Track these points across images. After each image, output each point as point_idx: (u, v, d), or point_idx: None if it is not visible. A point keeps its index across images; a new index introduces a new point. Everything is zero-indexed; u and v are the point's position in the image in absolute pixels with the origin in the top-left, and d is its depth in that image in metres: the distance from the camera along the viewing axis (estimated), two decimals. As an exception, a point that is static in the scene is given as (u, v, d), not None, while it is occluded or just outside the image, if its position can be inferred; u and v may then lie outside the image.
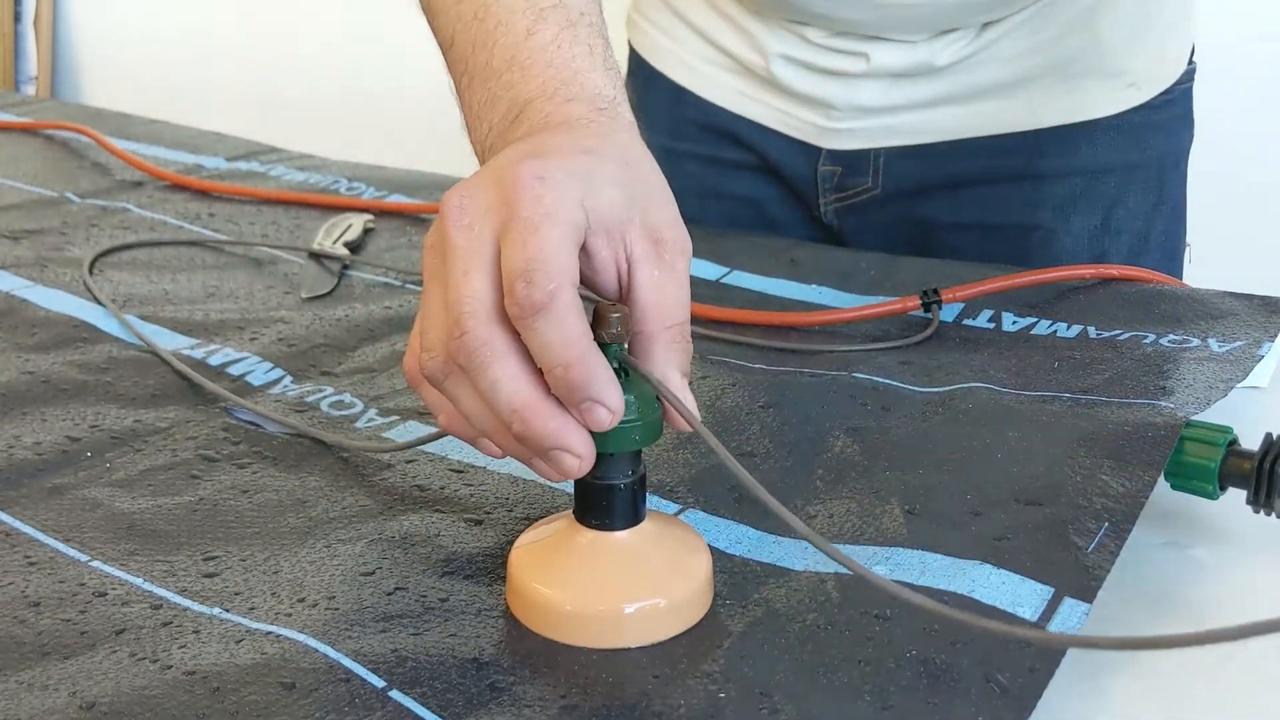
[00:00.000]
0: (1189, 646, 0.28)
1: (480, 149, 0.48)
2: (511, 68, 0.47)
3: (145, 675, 0.37)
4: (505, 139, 0.45)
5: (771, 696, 0.36)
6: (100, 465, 0.50)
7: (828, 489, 0.48)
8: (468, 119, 0.49)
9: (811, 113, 0.79)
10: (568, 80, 0.46)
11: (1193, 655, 0.40)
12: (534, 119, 0.44)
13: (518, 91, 0.46)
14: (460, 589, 0.42)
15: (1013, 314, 0.65)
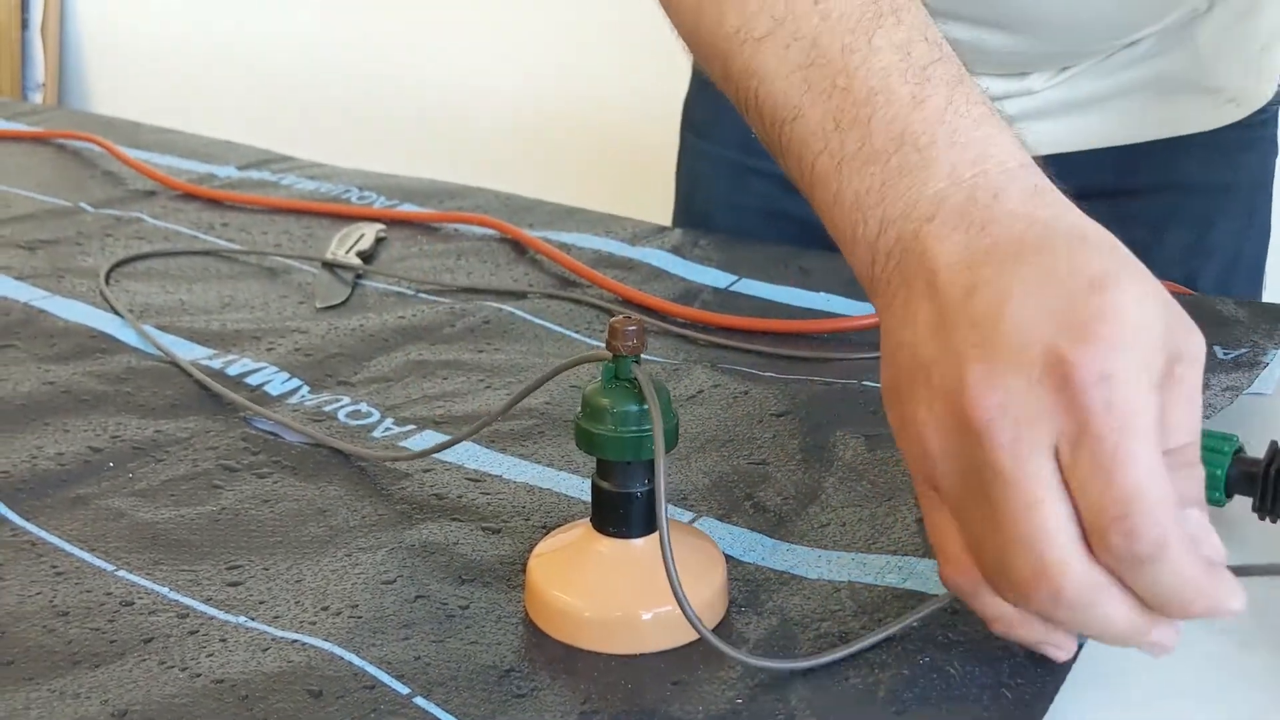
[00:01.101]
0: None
1: (864, 248, 0.40)
2: (903, 147, 0.39)
3: (175, 683, 0.38)
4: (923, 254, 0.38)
5: (788, 702, 0.37)
6: (123, 475, 0.51)
7: (840, 497, 0.49)
8: (826, 202, 0.42)
9: None
10: (981, 157, 0.39)
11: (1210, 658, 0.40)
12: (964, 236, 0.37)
13: (918, 183, 0.39)
14: (480, 596, 0.43)
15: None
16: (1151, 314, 0.34)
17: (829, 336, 0.66)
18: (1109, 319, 0.33)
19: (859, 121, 0.40)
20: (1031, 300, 0.34)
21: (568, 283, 0.74)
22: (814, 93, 0.42)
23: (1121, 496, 0.32)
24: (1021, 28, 0.70)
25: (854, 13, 0.42)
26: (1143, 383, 0.33)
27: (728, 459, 0.53)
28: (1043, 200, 0.37)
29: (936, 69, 0.40)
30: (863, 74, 0.41)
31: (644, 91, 1.71)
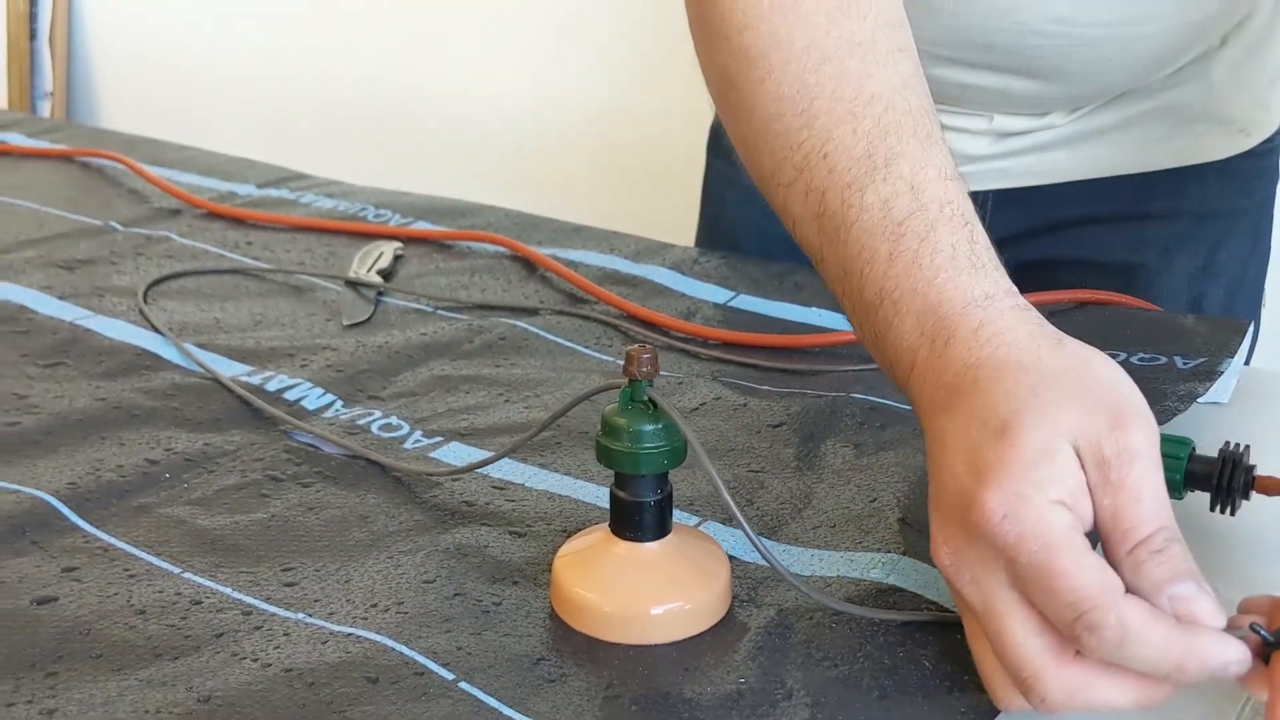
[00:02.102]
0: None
1: (890, 377, 0.47)
2: (883, 302, 0.46)
3: (249, 672, 0.43)
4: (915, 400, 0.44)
5: (785, 684, 0.43)
6: (179, 485, 0.56)
7: (829, 502, 0.55)
8: (860, 338, 0.49)
9: None
10: (935, 306, 0.44)
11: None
12: (930, 386, 0.43)
13: (898, 335, 0.45)
14: (510, 594, 0.48)
15: (997, 335, 0.71)
16: (1053, 444, 0.38)
17: (820, 350, 0.71)
18: (1004, 461, 0.38)
19: (854, 274, 0.47)
20: (958, 450, 0.40)
21: (576, 299, 0.79)
22: (827, 241, 0.48)
23: (1069, 601, 0.37)
24: (1047, 76, 0.74)
25: (852, 166, 0.48)
26: (1044, 506, 0.37)
27: (729, 467, 0.58)
28: (981, 338, 0.42)
29: (911, 223, 0.46)
30: (855, 231, 0.47)
31: (653, 108, 1.76)
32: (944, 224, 0.46)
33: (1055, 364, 0.41)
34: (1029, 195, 0.82)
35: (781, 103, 0.51)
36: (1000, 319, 0.43)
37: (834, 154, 0.48)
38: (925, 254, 0.45)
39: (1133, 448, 0.39)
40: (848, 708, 0.41)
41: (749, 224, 0.91)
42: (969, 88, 0.76)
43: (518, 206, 0.96)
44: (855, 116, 0.49)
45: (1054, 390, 0.40)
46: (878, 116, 0.48)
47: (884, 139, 0.48)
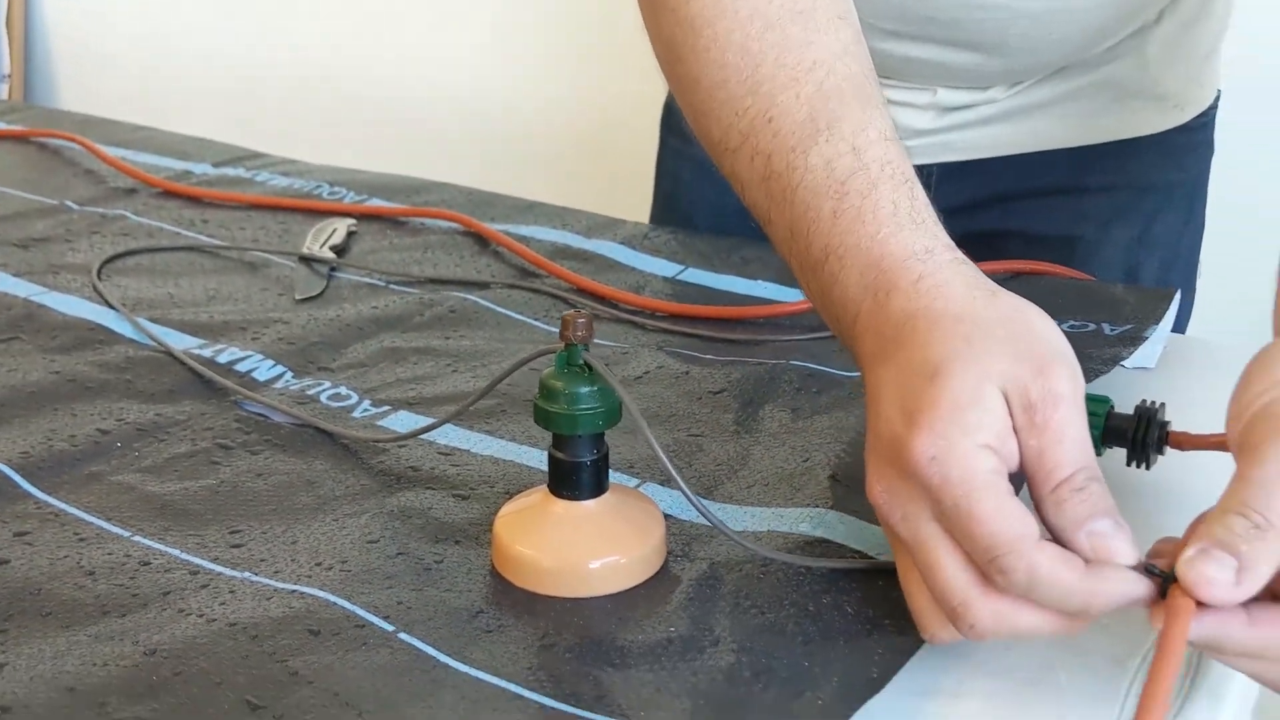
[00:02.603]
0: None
1: (835, 334, 0.49)
2: (829, 258, 0.47)
3: (195, 627, 0.44)
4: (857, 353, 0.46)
5: (713, 631, 0.44)
6: (130, 454, 0.57)
7: (764, 462, 0.56)
8: (806, 295, 0.51)
9: None
10: (878, 260, 0.46)
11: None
12: (871, 337, 0.45)
13: (843, 289, 0.47)
14: (453, 552, 0.50)
15: (935, 305, 0.73)
16: (980, 389, 0.40)
17: (763, 321, 0.73)
18: (934, 404, 0.40)
19: (801, 234, 0.49)
20: (891, 395, 0.42)
21: (527, 273, 0.81)
22: (774, 203, 0.50)
23: (985, 545, 0.39)
24: (987, 49, 0.76)
25: (796, 130, 0.49)
26: (969, 451, 0.39)
27: (669, 432, 0.60)
28: (920, 289, 0.44)
29: (853, 181, 0.48)
30: (800, 192, 0.49)
31: (607, 86, 1.77)
32: (885, 182, 0.48)
33: (989, 314, 0.43)
34: (972, 168, 0.84)
35: (726, 70, 0.52)
36: (939, 272, 0.45)
37: (778, 118, 0.50)
38: (868, 211, 0.47)
39: (1057, 392, 0.40)
40: (772, 652, 0.43)
41: (702, 199, 0.93)
42: (912, 61, 0.78)
43: (472, 184, 0.97)
44: (798, 82, 0.50)
45: (985, 338, 0.42)
46: (819, 81, 0.50)
47: (826, 103, 0.50)
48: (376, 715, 0.40)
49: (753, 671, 0.42)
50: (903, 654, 0.43)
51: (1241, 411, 0.40)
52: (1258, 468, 0.38)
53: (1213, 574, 0.37)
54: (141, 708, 0.40)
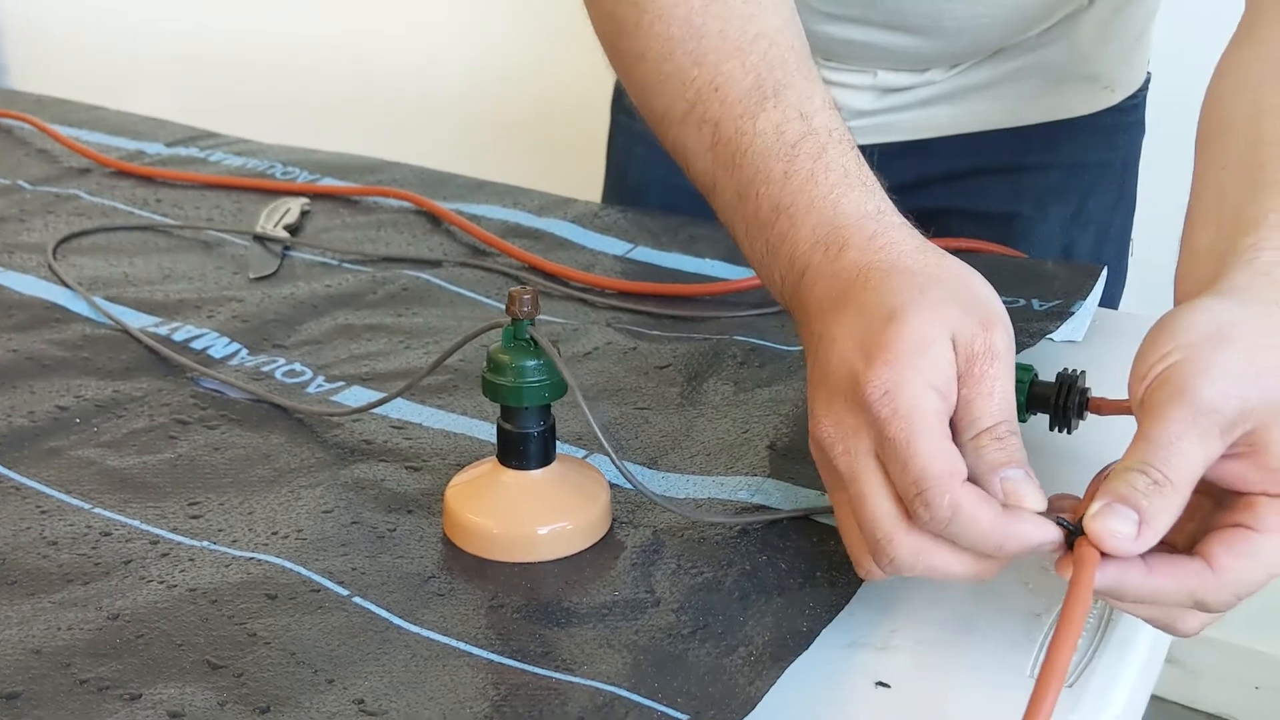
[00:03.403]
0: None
1: (776, 293, 0.51)
2: (779, 216, 0.49)
3: (156, 593, 0.46)
4: (803, 304, 0.48)
5: (654, 592, 0.47)
6: (89, 430, 0.59)
7: (707, 434, 0.59)
8: (750, 260, 0.53)
9: None
10: (832, 218, 0.48)
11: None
12: (823, 287, 0.47)
13: (793, 245, 0.49)
14: (405, 521, 0.52)
15: (874, 281, 0.76)
16: (934, 333, 0.43)
17: (708, 298, 0.75)
18: (891, 344, 0.42)
19: (750, 196, 0.51)
20: (848, 336, 0.44)
21: (479, 252, 0.82)
22: (721, 168, 0.52)
23: (915, 478, 0.41)
24: (925, 32, 0.79)
25: (744, 97, 0.52)
26: (920, 389, 0.42)
27: (617, 405, 0.62)
28: (875, 245, 0.47)
29: (803, 145, 0.50)
30: (750, 155, 0.51)
31: (560, 65, 1.78)
32: (834, 146, 0.50)
33: (939, 271, 0.46)
34: (914, 149, 0.86)
35: (671, 43, 0.54)
36: (892, 231, 0.48)
37: (724, 87, 0.52)
38: (820, 172, 0.49)
39: (996, 348, 0.43)
40: (709, 610, 0.46)
41: (653, 178, 0.95)
42: (853, 43, 0.80)
43: (425, 163, 0.99)
44: (742, 52, 0.53)
45: (938, 289, 0.44)
46: (764, 52, 0.53)
47: (770, 72, 0.52)
48: (331, 672, 0.42)
49: (691, 628, 0.45)
50: (833, 608, 0.46)
51: (1144, 374, 0.43)
52: (1158, 427, 0.41)
53: (1116, 527, 0.40)
54: (105, 668, 0.42)
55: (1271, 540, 0.40)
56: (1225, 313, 0.43)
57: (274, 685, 0.42)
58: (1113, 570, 0.40)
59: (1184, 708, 1.62)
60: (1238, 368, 0.41)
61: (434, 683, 0.42)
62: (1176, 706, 1.62)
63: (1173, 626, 0.43)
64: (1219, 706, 1.62)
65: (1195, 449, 0.40)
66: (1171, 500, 0.40)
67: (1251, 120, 0.52)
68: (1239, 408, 0.41)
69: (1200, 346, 0.42)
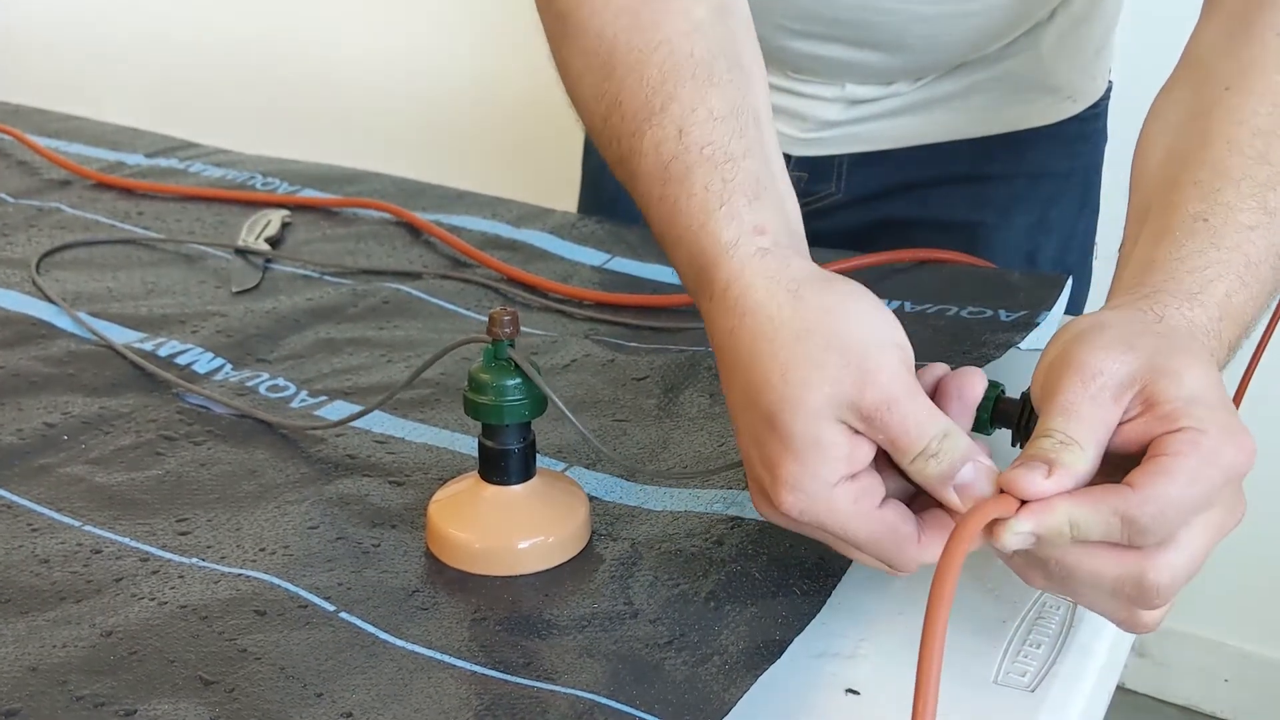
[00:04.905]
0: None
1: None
2: (665, 243, 0.51)
3: (148, 610, 0.47)
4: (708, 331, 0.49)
5: (633, 603, 0.48)
6: (77, 446, 0.60)
7: (683, 446, 0.60)
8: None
9: (782, 124, 0.85)
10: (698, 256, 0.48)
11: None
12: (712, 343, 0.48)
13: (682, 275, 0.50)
14: (389, 536, 0.53)
15: (845, 292, 0.78)
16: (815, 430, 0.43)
17: (686, 308, 0.77)
18: (783, 460, 0.44)
19: (645, 213, 0.52)
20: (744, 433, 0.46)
21: (459, 263, 0.84)
22: (627, 184, 0.53)
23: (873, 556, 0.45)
24: (889, 49, 0.81)
25: (638, 112, 0.52)
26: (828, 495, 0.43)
27: (595, 418, 0.63)
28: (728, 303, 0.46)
29: (673, 166, 0.49)
30: (639, 175, 0.51)
31: (536, 76, 1.79)
32: (700, 165, 0.49)
33: (795, 326, 0.45)
34: (881, 158, 0.88)
35: (588, 56, 0.55)
36: (742, 275, 0.46)
37: (626, 102, 0.53)
38: (683, 198, 0.49)
39: (886, 395, 0.43)
40: (686, 619, 0.47)
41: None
42: (820, 59, 0.82)
43: (403, 173, 1.00)
44: (643, 64, 0.52)
45: (799, 364, 0.44)
46: (660, 63, 0.52)
47: (663, 85, 0.52)
48: (320, 686, 0.44)
49: (668, 638, 0.47)
50: (805, 616, 0.48)
51: (1041, 369, 0.47)
52: (1057, 398, 0.44)
53: (1027, 474, 0.42)
54: (100, 685, 0.43)
55: (1180, 460, 0.42)
56: (1101, 315, 0.47)
57: (265, 700, 0.43)
58: (1039, 507, 0.42)
59: (1154, 700, 1.65)
60: (1115, 341, 0.44)
61: (419, 695, 0.43)
62: (1146, 699, 1.65)
63: (1133, 619, 0.45)
64: (1188, 698, 1.65)
65: (1092, 409, 0.43)
66: (1079, 454, 0.42)
67: (1163, 166, 0.55)
68: (1123, 371, 0.43)
69: (1081, 333, 0.45)
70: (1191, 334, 0.46)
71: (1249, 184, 0.51)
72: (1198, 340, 0.46)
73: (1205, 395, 0.43)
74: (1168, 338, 0.45)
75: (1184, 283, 0.48)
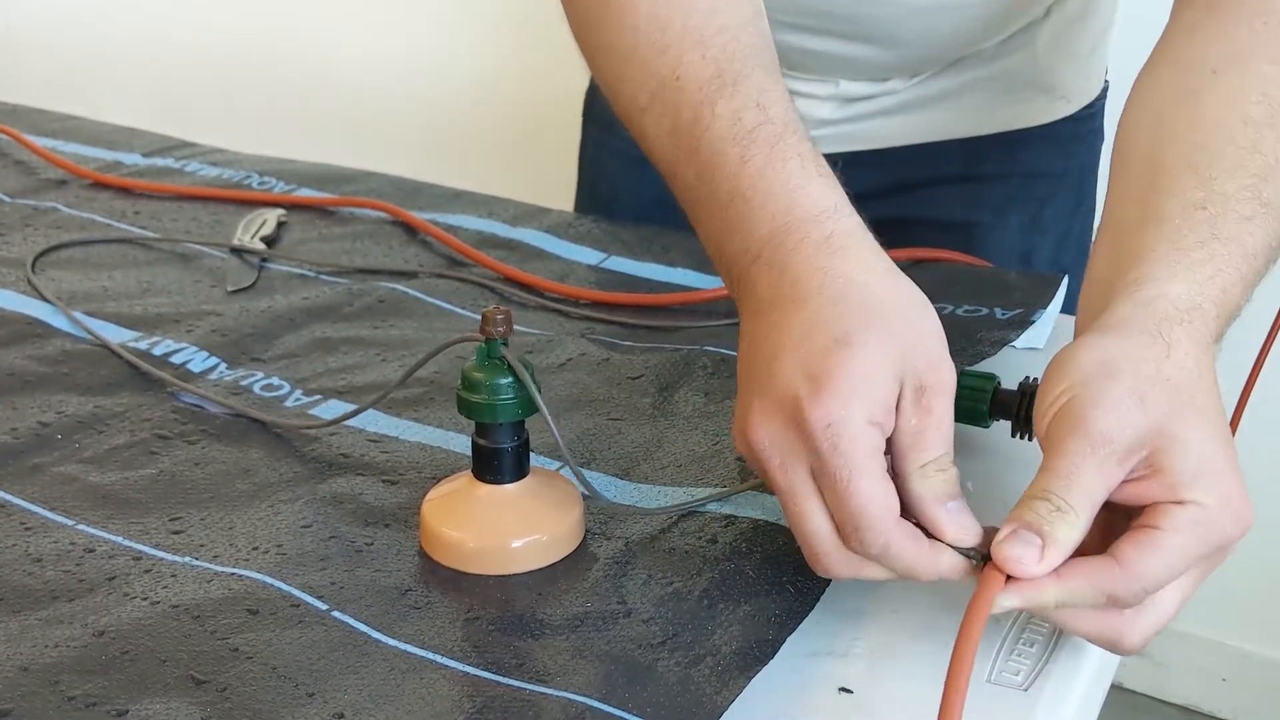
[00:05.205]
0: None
1: (724, 274, 0.52)
2: (735, 200, 0.50)
3: (140, 609, 0.47)
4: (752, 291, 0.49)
5: (626, 603, 0.48)
6: (71, 446, 0.60)
7: (678, 444, 0.60)
8: (704, 239, 0.53)
9: None
10: (789, 208, 0.49)
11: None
12: (772, 278, 0.48)
13: (747, 232, 0.49)
14: (382, 535, 0.53)
15: (841, 291, 0.77)
16: (881, 366, 0.44)
17: (681, 307, 0.77)
18: (836, 375, 0.43)
19: (706, 179, 0.52)
20: (792, 352, 0.45)
21: (455, 262, 0.84)
22: (681, 154, 0.53)
23: (850, 516, 0.44)
24: (883, 42, 0.81)
25: (704, 85, 0.53)
26: (862, 425, 0.43)
27: (590, 417, 0.63)
28: (830, 248, 0.48)
29: (760, 132, 0.51)
30: (707, 140, 0.52)
31: (533, 75, 1.79)
32: (790, 135, 0.51)
33: (893, 294, 0.47)
34: (875, 158, 0.88)
35: (638, 34, 0.56)
36: (848, 233, 0.48)
37: (685, 76, 0.54)
38: (777, 159, 0.50)
39: (945, 383, 0.45)
40: (679, 619, 0.47)
41: (625, 189, 0.96)
42: (813, 53, 0.82)
43: (400, 172, 1.00)
44: (704, 44, 0.54)
45: (890, 318, 0.46)
46: (725, 45, 0.54)
47: (731, 63, 0.54)
48: (312, 686, 0.44)
49: (661, 638, 0.46)
50: (797, 615, 0.47)
51: (1045, 411, 0.46)
52: (1058, 458, 0.43)
53: (1020, 552, 0.42)
54: (92, 685, 0.43)
55: (1173, 537, 0.42)
56: (1110, 347, 0.46)
57: (256, 700, 0.43)
58: (1027, 585, 0.43)
59: (1152, 699, 1.65)
60: (1126, 399, 0.43)
61: (411, 695, 0.43)
62: (1145, 698, 1.65)
63: (1117, 643, 0.45)
64: (1187, 698, 1.65)
65: (1094, 476, 0.43)
66: (1073, 524, 0.42)
67: (1151, 148, 0.54)
68: (1132, 436, 0.43)
69: (1090, 382, 0.44)
70: (1199, 369, 0.45)
71: (1243, 174, 0.51)
72: (1206, 378, 0.45)
73: (1211, 463, 0.43)
74: (1178, 391, 0.44)
75: (1186, 281, 0.48)
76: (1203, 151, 0.52)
